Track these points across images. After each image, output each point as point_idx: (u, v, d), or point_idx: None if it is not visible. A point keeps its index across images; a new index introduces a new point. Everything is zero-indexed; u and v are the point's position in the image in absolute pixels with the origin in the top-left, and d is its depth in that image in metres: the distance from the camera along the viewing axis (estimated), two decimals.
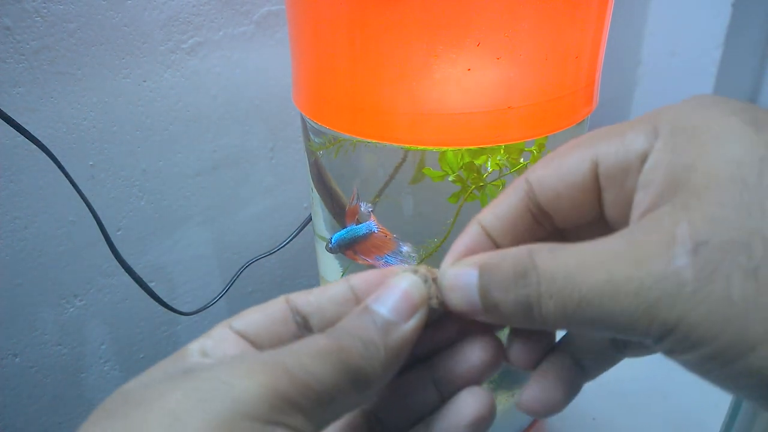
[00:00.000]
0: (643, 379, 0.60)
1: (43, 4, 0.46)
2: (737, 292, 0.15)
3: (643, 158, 0.19)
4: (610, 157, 0.19)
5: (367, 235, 0.38)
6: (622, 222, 0.20)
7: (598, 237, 0.19)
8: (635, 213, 0.19)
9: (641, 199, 0.18)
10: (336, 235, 0.38)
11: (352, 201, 0.38)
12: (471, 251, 0.22)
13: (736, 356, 0.15)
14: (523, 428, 0.45)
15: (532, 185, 0.21)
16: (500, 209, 0.22)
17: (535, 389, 0.21)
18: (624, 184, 0.19)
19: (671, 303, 0.16)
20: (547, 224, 0.22)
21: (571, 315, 0.18)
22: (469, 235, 0.22)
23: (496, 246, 0.22)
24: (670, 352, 0.17)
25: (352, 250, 0.38)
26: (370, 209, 0.38)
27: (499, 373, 0.43)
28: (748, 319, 0.15)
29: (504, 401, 0.43)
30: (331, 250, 0.39)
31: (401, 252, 0.38)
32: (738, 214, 0.16)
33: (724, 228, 0.16)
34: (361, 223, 0.38)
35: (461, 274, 0.20)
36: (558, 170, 0.21)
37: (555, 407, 0.21)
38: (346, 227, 0.39)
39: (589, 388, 0.24)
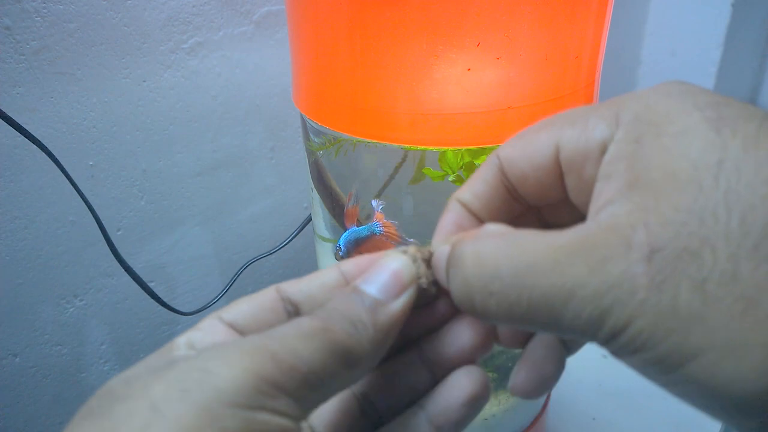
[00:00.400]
0: (643, 379, 0.60)
1: (43, 4, 0.46)
2: (684, 303, 0.15)
3: (603, 148, 0.19)
4: (571, 143, 0.19)
5: (369, 237, 0.38)
6: (585, 206, 0.19)
7: (570, 215, 0.19)
8: (594, 204, 0.18)
9: (600, 191, 0.18)
10: (342, 240, 0.38)
11: (348, 202, 0.38)
12: (460, 227, 0.22)
13: (676, 364, 0.16)
14: (524, 428, 0.46)
15: (502, 162, 0.21)
16: (476, 186, 0.22)
17: (525, 370, 0.21)
18: (584, 171, 0.19)
19: (621, 309, 0.16)
20: (522, 200, 0.22)
21: (517, 316, 0.18)
22: (452, 212, 0.22)
23: (480, 221, 0.22)
24: (615, 353, 0.17)
25: (356, 251, 0.38)
26: (380, 207, 0.37)
27: (500, 373, 0.43)
28: (691, 330, 0.15)
29: (504, 401, 0.43)
30: (342, 258, 0.39)
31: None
32: (692, 220, 0.16)
33: (677, 234, 0.16)
34: (362, 225, 0.38)
35: (441, 253, 0.20)
36: (524, 151, 0.20)
37: (546, 385, 0.21)
38: (346, 229, 0.38)
39: (589, 388, 0.23)
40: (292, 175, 0.66)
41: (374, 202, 0.37)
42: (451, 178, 0.36)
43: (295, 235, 0.59)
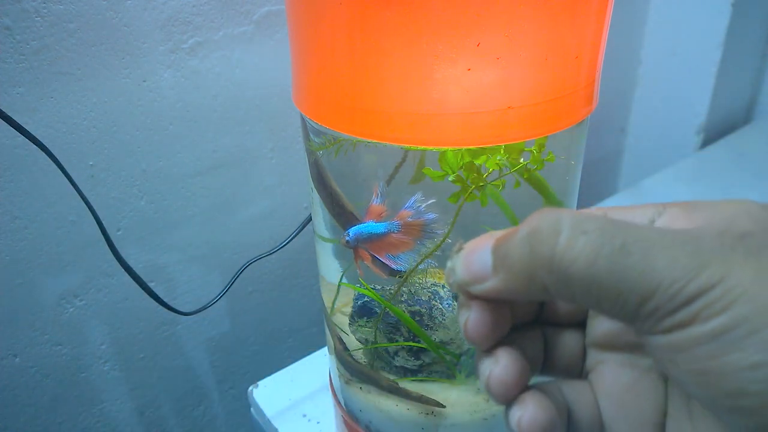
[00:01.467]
0: None
1: (43, 4, 0.46)
2: None
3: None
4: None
5: (385, 234, 0.37)
6: None
7: None
8: None
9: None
10: (353, 230, 0.38)
11: (375, 198, 0.37)
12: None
13: (761, 325, 0.16)
14: None
15: None
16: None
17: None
18: None
19: (721, 262, 0.16)
20: None
21: (603, 260, 0.17)
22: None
23: None
24: (685, 324, 0.17)
25: (368, 246, 0.38)
26: (422, 206, 0.37)
27: None
28: None
29: None
30: (347, 244, 0.38)
31: (419, 250, 0.37)
32: None
33: (764, 226, 0.18)
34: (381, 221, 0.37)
35: (478, 242, 0.20)
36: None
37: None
38: (362, 223, 0.38)
39: None
40: (292, 175, 0.66)
41: (414, 198, 0.36)
42: (451, 178, 0.36)
43: (295, 235, 0.59)
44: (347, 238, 0.38)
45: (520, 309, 0.23)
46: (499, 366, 0.21)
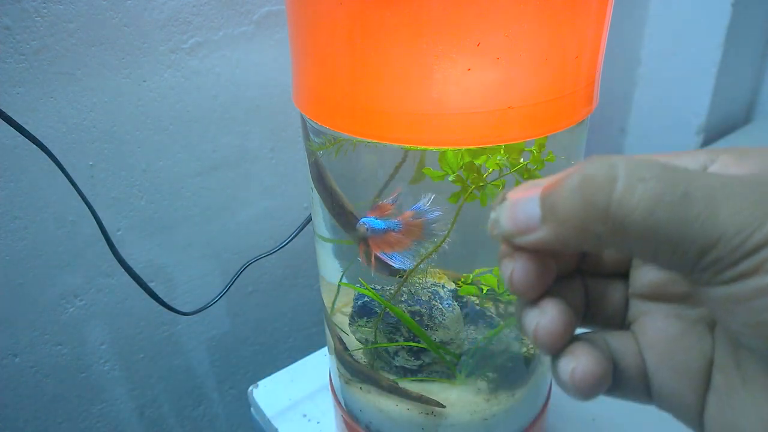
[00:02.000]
0: None
1: (43, 4, 0.46)
2: None
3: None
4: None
5: (384, 232, 0.37)
6: None
7: None
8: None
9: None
10: (365, 220, 0.38)
11: (390, 198, 0.37)
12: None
13: None
14: (524, 428, 0.46)
15: None
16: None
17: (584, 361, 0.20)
18: None
19: None
20: None
21: (663, 212, 0.16)
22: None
23: None
24: (747, 275, 0.16)
25: (371, 240, 0.38)
26: (428, 203, 0.37)
27: (500, 373, 0.43)
28: None
29: (504, 401, 0.43)
30: (366, 232, 0.38)
31: (411, 254, 0.37)
32: None
33: None
34: (384, 219, 0.37)
35: (524, 192, 0.20)
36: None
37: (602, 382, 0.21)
38: (365, 217, 0.38)
39: None
40: (292, 175, 0.66)
41: (422, 201, 0.36)
42: (451, 178, 0.36)
43: (295, 235, 0.59)
44: (366, 226, 0.37)
45: (561, 259, 0.23)
46: (547, 317, 0.21)
